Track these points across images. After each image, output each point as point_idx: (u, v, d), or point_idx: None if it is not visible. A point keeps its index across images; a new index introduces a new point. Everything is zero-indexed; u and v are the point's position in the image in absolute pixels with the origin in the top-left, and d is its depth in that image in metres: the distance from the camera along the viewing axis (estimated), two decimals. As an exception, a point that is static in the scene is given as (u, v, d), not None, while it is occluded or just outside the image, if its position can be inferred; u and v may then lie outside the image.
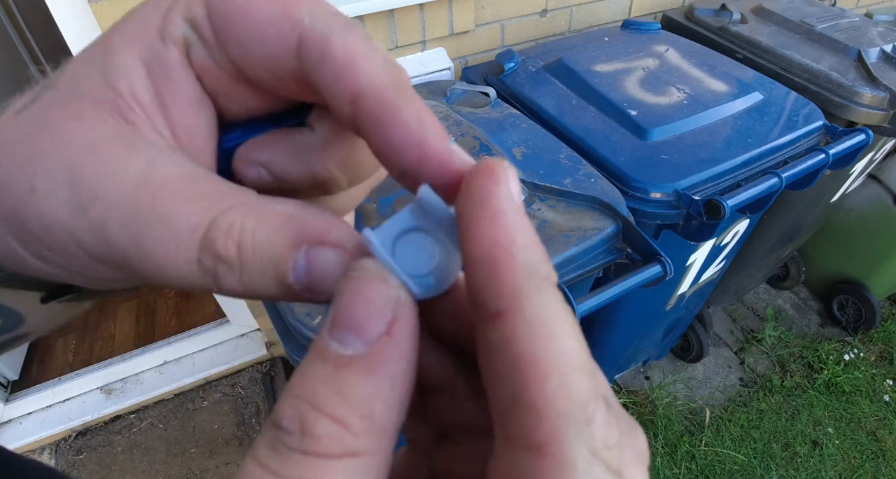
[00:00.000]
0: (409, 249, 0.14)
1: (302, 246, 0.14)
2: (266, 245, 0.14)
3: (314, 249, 0.14)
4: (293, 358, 0.70)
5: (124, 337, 1.95)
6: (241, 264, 0.14)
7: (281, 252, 0.14)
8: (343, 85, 0.14)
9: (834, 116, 1.18)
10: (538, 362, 0.11)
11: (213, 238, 0.14)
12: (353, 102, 0.14)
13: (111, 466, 1.62)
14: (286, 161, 0.17)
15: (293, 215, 0.14)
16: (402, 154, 0.14)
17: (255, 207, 0.14)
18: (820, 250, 2.04)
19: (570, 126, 1.04)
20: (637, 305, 1.29)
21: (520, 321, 0.11)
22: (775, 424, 1.78)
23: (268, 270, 0.14)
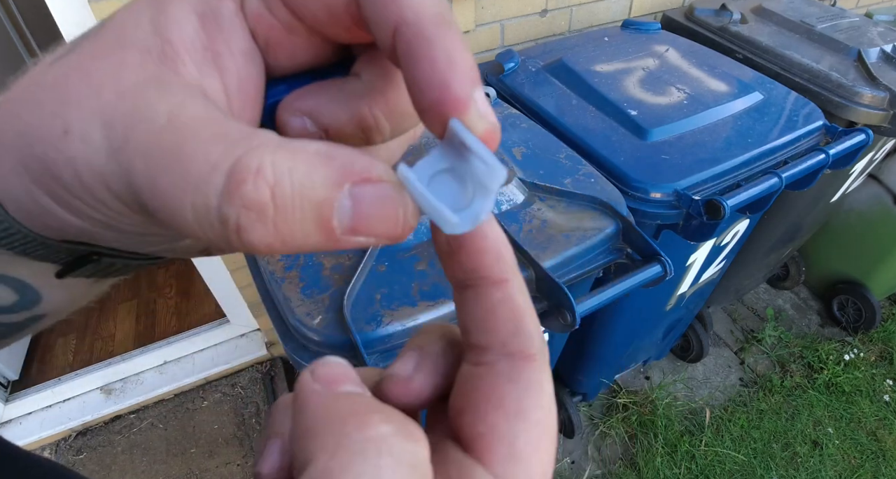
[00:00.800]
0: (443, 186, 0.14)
1: (345, 185, 0.13)
2: (307, 185, 0.13)
3: (359, 186, 0.13)
4: (293, 358, 0.70)
5: (124, 337, 1.95)
6: (275, 209, 0.12)
7: (324, 193, 0.13)
8: (387, 13, 0.14)
9: (834, 116, 1.18)
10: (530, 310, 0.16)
11: (240, 180, 0.12)
12: (393, 32, 0.14)
13: (111, 466, 1.62)
14: (332, 108, 0.17)
15: (331, 152, 0.13)
16: (423, 92, 0.14)
17: (285, 145, 0.13)
18: (820, 250, 2.04)
19: (570, 126, 1.04)
20: (637, 305, 1.29)
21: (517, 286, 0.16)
22: (775, 424, 1.78)
23: (308, 214, 0.13)
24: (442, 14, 0.14)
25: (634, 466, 1.68)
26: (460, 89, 0.14)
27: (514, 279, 0.16)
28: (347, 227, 0.13)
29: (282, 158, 0.13)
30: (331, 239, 0.13)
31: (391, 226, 0.14)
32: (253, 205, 0.12)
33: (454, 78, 0.14)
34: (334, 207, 0.13)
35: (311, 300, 0.70)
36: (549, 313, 0.74)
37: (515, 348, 0.16)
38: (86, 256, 0.19)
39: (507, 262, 0.16)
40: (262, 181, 0.12)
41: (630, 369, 1.89)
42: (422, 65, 0.14)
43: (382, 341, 0.67)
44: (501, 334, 0.16)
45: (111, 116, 0.14)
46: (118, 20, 0.16)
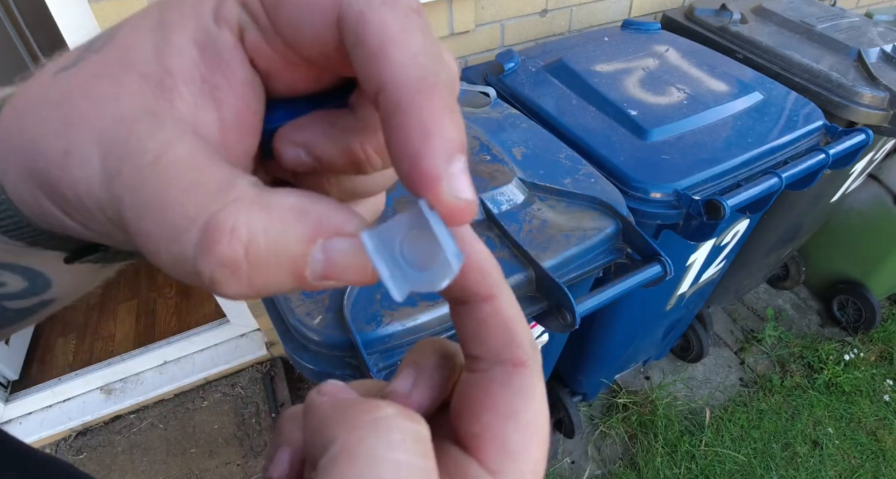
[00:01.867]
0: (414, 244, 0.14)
1: (318, 240, 0.14)
2: (281, 244, 0.13)
3: (330, 241, 0.14)
4: (293, 358, 0.70)
5: (124, 337, 1.95)
6: (249, 266, 0.13)
7: (297, 248, 0.13)
8: (370, 73, 0.14)
9: (834, 116, 1.18)
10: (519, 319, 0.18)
11: (215, 240, 0.13)
12: (376, 95, 0.14)
13: (111, 466, 1.62)
14: (325, 142, 0.17)
15: (304, 209, 0.14)
16: (396, 161, 0.14)
17: (260, 202, 0.13)
18: (820, 250, 2.04)
19: (570, 126, 1.04)
20: (637, 305, 1.29)
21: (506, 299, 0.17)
22: (775, 424, 1.78)
23: (282, 268, 0.14)
24: (426, 77, 0.14)
25: (634, 466, 1.68)
26: (431, 165, 0.13)
27: (501, 294, 0.17)
28: (319, 275, 0.14)
29: (256, 216, 0.13)
30: (302, 285, 0.14)
31: (360, 275, 0.14)
32: (227, 263, 0.13)
33: (427, 152, 0.13)
34: (307, 260, 0.14)
35: (311, 300, 0.70)
36: (549, 312, 0.74)
37: (507, 356, 0.17)
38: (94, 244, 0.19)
39: (493, 278, 0.17)
40: (237, 241, 0.13)
41: (630, 369, 1.89)
42: (397, 134, 0.14)
43: (382, 341, 0.67)
44: (494, 345, 0.17)
45: (108, 143, 0.14)
46: (123, 38, 0.16)
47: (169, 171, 0.14)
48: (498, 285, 0.17)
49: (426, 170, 0.13)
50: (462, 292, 0.17)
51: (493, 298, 0.17)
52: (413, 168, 0.13)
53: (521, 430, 0.16)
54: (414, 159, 0.13)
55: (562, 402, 1.64)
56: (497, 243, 0.78)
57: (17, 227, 0.17)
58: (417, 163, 0.13)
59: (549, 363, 1.20)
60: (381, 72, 0.14)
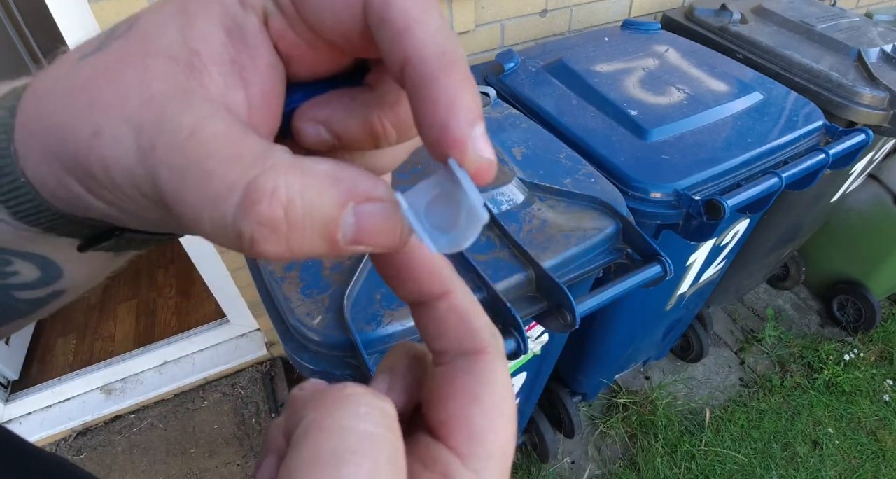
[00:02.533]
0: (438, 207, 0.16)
1: (349, 204, 0.15)
2: (317, 205, 0.14)
3: (362, 205, 0.15)
4: (293, 358, 0.70)
5: (124, 337, 1.95)
6: (288, 225, 0.14)
7: (331, 212, 0.14)
8: (396, 50, 0.15)
9: (834, 116, 1.18)
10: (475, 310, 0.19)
11: (255, 200, 0.14)
12: (401, 69, 0.15)
13: (111, 466, 1.62)
14: (345, 117, 0.18)
15: (338, 174, 0.15)
16: (426, 130, 0.15)
17: (295, 166, 0.14)
18: (820, 250, 2.04)
19: (570, 126, 1.04)
20: (637, 305, 1.29)
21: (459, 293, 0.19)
22: (775, 424, 1.78)
23: (317, 229, 0.14)
24: (446, 53, 0.15)
25: (634, 466, 1.68)
26: (458, 131, 0.15)
27: (454, 289, 0.19)
28: (350, 239, 0.15)
29: (294, 180, 0.14)
30: (335, 249, 0.15)
31: (389, 238, 0.15)
32: (267, 222, 0.14)
33: (453, 120, 0.15)
34: (339, 223, 0.15)
35: (311, 300, 0.70)
36: (549, 312, 0.74)
37: (468, 346, 0.18)
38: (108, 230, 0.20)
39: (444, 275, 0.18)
40: (277, 201, 0.14)
41: (630, 369, 1.89)
42: (425, 105, 0.15)
43: (382, 341, 0.67)
44: (454, 339, 0.18)
45: (139, 122, 0.15)
46: (144, 26, 0.16)
47: (208, 144, 0.14)
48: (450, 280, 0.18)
49: (454, 135, 0.15)
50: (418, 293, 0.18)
51: (448, 293, 0.18)
52: (442, 134, 0.15)
53: (485, 413, 0.17)
54: (442, 127, 0.15)
55: (562, 402, 1.64)
56: (497, 242, 0.78)
57: (36, 211, 0.18)
58: (446, 130, 0.15)
59: (549, 363, 1.20)
60: (407, 48, 0.15)
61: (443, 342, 0.18)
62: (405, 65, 0.15)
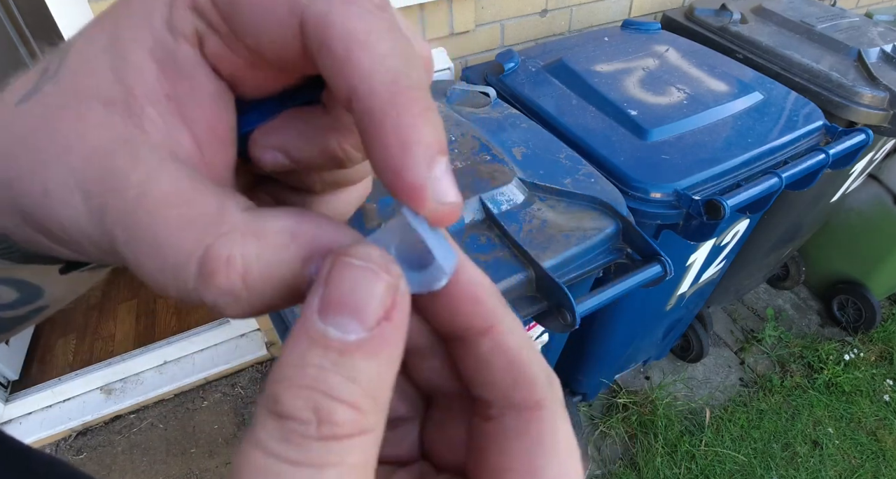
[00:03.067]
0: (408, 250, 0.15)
1: (315, 259, 0.14)
2: (274, 270, 0.13)
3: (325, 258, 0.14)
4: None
5: (124, 337, 1.95)
6: (248, 292, 0.13)
7: (293, 270, 0.14)
8: (340, 81, 0.13)
9: (834, 116, 1.18)
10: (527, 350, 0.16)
11: (212, 272, 0.13)
12: (347, 104, 0.13)
13: (111, 466, 1.62)
14: (301, 143, 0.17)
15: (296, 231, 0.14)
16: (378, 173, 0.14)
17: (249, 229, 0.13)
18: (820, 250, 2.04)
19: (570, 126, 1.04)
20: (637, 305, 1.29)
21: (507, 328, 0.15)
22: (775, 424, 1.78)
23: (281, 289, 0.14)
24: (398, 82, 0.13)
25: (634, 466, 1.68)
26: (414, 176, 0.13)
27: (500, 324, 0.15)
28: None
29: (249, 245, 0.13)
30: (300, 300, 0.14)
31: None
32: (227, 292, 0.13)
33: (408, 161, 0.13)
34: (304, 281, 0.14)
35: (311, 300, 0.69)
36: (549, 312, 0.74)
37: (519, 398, 0.15)
38: None
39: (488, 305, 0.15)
40: (234, 271, 0.13)
41: (630, 369, 1.89)
42: (375, 147, 0.13)
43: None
44: (501, 387, 0.15)
45: (84, 182, 0.14)
46: (74, 61, 0.15)
47: (157, 208, 0.13)
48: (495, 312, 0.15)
49: (409, 180, 0.13)
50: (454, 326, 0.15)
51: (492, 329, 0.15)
52: (396, 180, 0.13)
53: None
54: (395, 172, 0.13)
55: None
56: (497, 242, 0.78)
57: (9, 251, 0.17)
58: (399, 175, 0.13)
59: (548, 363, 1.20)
60: (350, 79, 0.13)
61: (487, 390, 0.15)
62: (351, 98, 0.13)
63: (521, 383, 0.15)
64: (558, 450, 0.14)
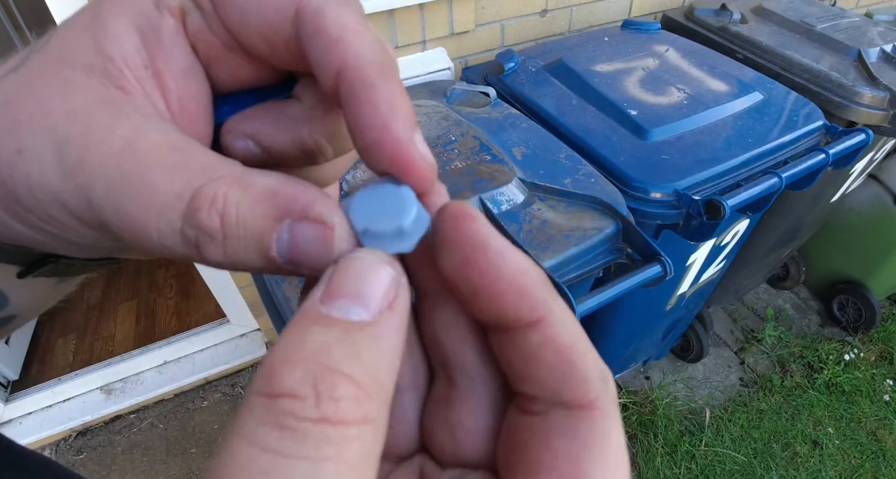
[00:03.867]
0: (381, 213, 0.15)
1: (285, 220, 0.14)
2: (249, 218, 0.14)
3: (297, 223, 0.14)
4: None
5: (124, 337, 1.95)
6: (224, 236, 0.14)
7: (264, 226, 0.14)
8: (330, 57, 0.15)
9: (834, 115, 1.18)
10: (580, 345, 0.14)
11: (197, 208, 0.14)
12: (336, 75, 0.15)
13: (111, 466, 1.62)
14: (273, 131, 0.18)
15: (277, 189, 0.14)
16: (365, 132, 0.15)
17: (239, 179, 0.14)
18: (820, 250, 2.04)
19: (570, 126, 1.04)
20: (637, 305, 1.29)
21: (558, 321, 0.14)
22: (775, 424, 1.78)
23: (251, 243, 0.14)
24: (383, 63, 0.15)
25: (634, 466, 1.68)
26: (401, 131, 0.15)
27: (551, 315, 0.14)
28: (286, 257, 0.14)
29: (234, 192, 0.14)
30: (272, 266, 0.15)
31: (321, 263, 0.14)
32: (206, 230, 0.14)
33: (395, 121, 0.15)
34: (272, 238, 0.14)
35: (311, 300, 0.69)
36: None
37: (569, 396, 0.14)
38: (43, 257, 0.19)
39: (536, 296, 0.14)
40: (215, 210, 0.14)
41: (630, 369, 1.89)
42: (364, 108, 0.15)
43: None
44: (549, 383, 0.14)
45: (63, 137, 0.14)
46: (62, 35, 0.16)
47: (148, 155, 0.14)
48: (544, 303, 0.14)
49: (398, 135, 0.15)
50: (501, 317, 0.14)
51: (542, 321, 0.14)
52: (384, 135, 0.15)
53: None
54: (384, 129, 0.15)
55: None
56: (497, 243, 0.77)
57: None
58: (388, 131, 0.15)
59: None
60: (344, 54, 0.15)
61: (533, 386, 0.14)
62: (341, 70, 0.15)
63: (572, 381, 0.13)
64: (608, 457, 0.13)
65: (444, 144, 0.92)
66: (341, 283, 0.13)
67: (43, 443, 1.68)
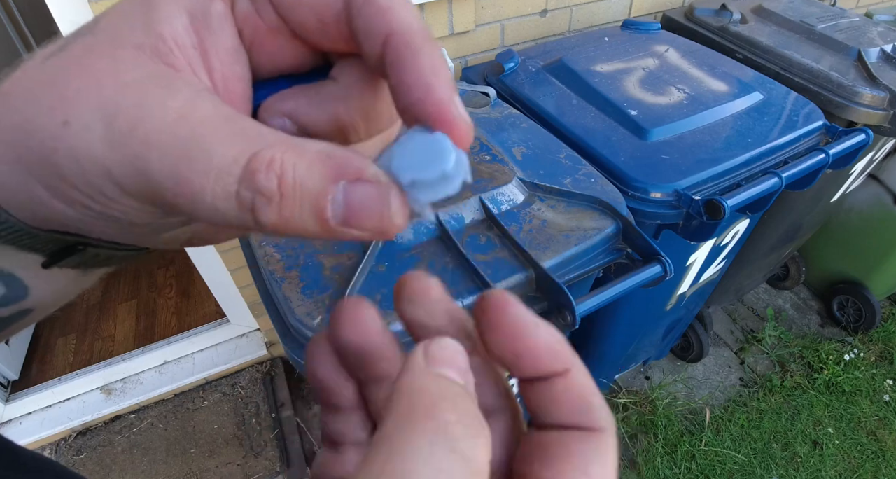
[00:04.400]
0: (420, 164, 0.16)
1: (340, 181, 0.15)
2: (306, 179, 0.15)
3: (352, 184, 0.15)
4: (293, 358, 0.70)
5: (124, 337, 1.95)
6: (280, 197, 0.14)
7: (320, 186, 0.15)
8: (379, 25, 0.16)
9: (834, 115, 1.18)
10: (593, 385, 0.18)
11: (254, 169, 0.14)
12: (384, 41, 0.16)
13: (111, 466, 1.62)
14: (310, 109, 0.19)
15: (331, 153, 0.15)
16: (410, 91, 0.16)
17: (293, 144, 0.15)
18: (820, 250, 2.04)
19: (570, 126, 1.04)
20: (637, 305, 1.29)
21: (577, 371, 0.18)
22: (775, 424, 1.78)
23: (306, 204, 0.15)
24: (426, 30, 0.16)
25: (634, 466, 1.68)
26: (443, 92, 0.16)
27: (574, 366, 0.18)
28: (340, 219, 0.15)
29: (290, 155, 0.15)
30: (326, 229, 0.15)
31: (378, 221, 0.15)
32: (264, 191, 0.14)
33: (438, 82, 0.16)
34: (328, 200, 0.15)
35: (311, 300, 0.70)
36: (549, 312, 0.74)
37: (586, 423, 0.17)
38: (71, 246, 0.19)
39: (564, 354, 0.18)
40: (272, 172, 0.14)
41: (630, 369, 1.89)
42: (410, 70, 0.16)
43: (382, 341, 0.67)
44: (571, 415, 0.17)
45: (113, 109, 0.15)
46: (110, 19, 0.17)
47: (203, 124, 0.15)
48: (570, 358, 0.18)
49: (439, 95, 0.16)
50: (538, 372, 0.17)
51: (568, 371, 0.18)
52: (427, 95, 0.16)
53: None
54: (428, 88, 0.16)
55: (562, 402, 1.64)
56: (497, 242, 0.78)
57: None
58: (431, 90, 0.16)
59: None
60: (391, 22, 0.16)
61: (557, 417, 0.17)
62: (389, 36, 0.16)
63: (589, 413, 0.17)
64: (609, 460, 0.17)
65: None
66: None
67: (43, 443, 1.68)
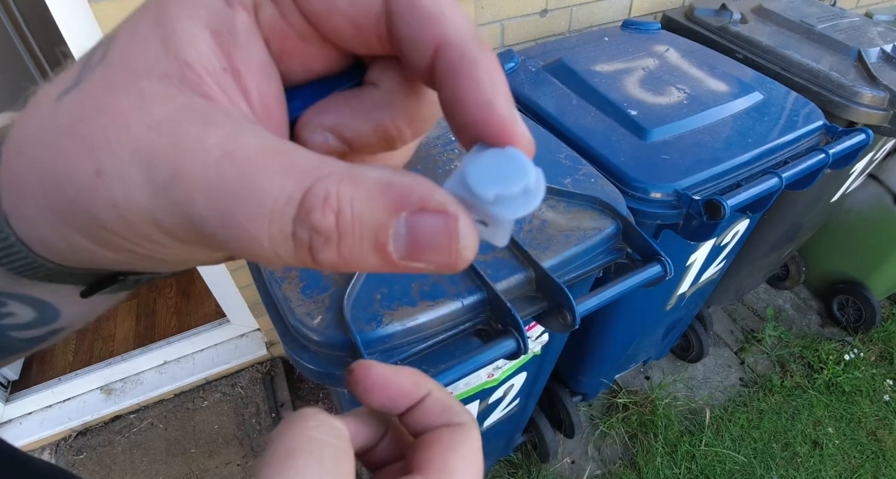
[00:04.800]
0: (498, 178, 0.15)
1: (402, 213, 0.14)
2: (365, 213, 0.13)
3: (415, 215, 0.14)
4: (293, 358, 0.70)
5: (124, 337, 1.95)
6: (339, 234, 0.13)
7: (380, 219, 0.13)
8: (428, 33, 0.15)
9: (834, 115, 1.18)
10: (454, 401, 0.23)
11: (310, 208, 0.13)
12: (435, 52, 0.15)
13: (111, 466, 1.62)
14: (354, 121, 0.17)
15: (390, 182, 0.14)
16: (469, 109, 0.15)
17: (348, 175, 0.14)
18: (820, 249, 2.04)
19: (570, 126, 1.04)
20: (637, 305, 1.29)
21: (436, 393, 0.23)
22: (775, 424, 1.78)
23: (367, 239, 0.14)
24: (480, 37, 0.15)
25: (634, 466, 1.68)
26: (505, 109, 0.15)
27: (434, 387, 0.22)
28: (403, 252, 0.14)
29: (345, 188, 0.13)
30: (389, 263, 0.14)
31: (445, 255, 0.14)
32: (321, 230, 0.13)
33: (499, 98, 0.15)
34: (389, 234, 0.14)
35: (311, 300, 0.70)
36: (549, 312, 0.74)
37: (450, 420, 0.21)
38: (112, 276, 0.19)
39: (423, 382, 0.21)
40: (329, 209, 0.13)
41: (630, 369, 1.89)
42: (467, 86, 0.15)
43: (382, 341, 0.67)
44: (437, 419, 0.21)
45: (149, 153, 0.13)
46: (122, 44, 0.15)
47: (249, 160, 0.13)
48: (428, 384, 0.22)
49: (502, 113, 0.15)
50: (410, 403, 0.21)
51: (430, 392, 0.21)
52: (490, 113, 0.15)
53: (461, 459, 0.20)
54: (489, 106, 0.15)
55: (562, 402, 1.64)
56: (497, 242, 0.77)
57: (30, 267, 0.16)
58: (492, 109, 0.15)
59: (549, 363, 1.20)
60: (443, 30, 0.15)
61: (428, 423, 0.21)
62: (441, 46, 0.15)
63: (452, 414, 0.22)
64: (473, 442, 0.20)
65: (444, 143, 0.92)
66: None
67: (43, 443, 1.68)
